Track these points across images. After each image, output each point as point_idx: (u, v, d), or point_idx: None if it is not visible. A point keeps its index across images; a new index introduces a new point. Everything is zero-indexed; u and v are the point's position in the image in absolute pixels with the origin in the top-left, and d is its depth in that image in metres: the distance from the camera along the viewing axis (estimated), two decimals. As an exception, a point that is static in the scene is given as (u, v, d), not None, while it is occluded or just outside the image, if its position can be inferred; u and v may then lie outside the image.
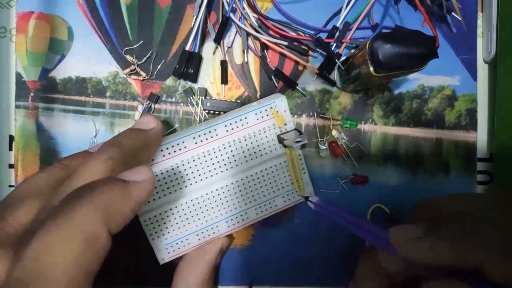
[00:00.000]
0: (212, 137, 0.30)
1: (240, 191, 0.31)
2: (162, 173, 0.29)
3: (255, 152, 0.31)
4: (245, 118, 0.30)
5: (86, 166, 0.22)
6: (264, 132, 0.31)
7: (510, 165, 0.35)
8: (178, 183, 0.30)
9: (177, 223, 0.30)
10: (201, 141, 0.29)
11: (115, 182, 0.21)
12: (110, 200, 0.19)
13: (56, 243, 0.17)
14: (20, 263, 0.17)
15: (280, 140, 0.31)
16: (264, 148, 0.31)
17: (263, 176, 0.31)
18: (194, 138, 0.29)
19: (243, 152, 0.30)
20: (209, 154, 0.30)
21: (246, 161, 0.31)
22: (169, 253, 0.30)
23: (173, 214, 0.30)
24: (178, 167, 0.29)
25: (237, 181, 0.31)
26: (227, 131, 0.30)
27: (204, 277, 0.31)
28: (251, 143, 0.31)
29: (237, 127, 0.30)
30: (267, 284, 0.37)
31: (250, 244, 0.36)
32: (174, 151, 0.29)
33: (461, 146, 0.38)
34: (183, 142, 0.29)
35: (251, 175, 0.31)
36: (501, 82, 0.36)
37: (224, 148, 0.30)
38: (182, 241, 0.31)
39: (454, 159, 0.38)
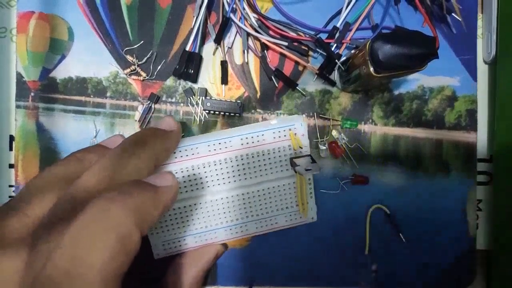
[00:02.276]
0: (226, 147, 0.30)
1: (244, 204, 0.31)
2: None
3: (265, 169, 0.31)
4: (262, 135, 0.30)
5: (105, 161, 0.22)
6: (279, 151, 0.31)
7: (510, 166, 0.35)
8: (185, 186, 0.30)
9: (177, 223, 0.31)
10: (215, 149, 0.30)
11: (146, 185, 0.21)
12: (142, 202, 0.19)
13: (91, 241, 0.17)
14: (52, 261, 0.16)
15: (292, 164, 0.31)
16: (275, 167, 0.31)
17: (269, 193, 0.31)
18: (208, 145, 0.30)
19: (254, 167, 0.31)
20: (220, 163, 0.30)
21: (256, 176, 0.31)
22: (164, 249, 0.31)
23: (175, 214, 0.30)
24: (187, 171, 0.29)
25: (242, 194, 0.31)
26: (241, 144, 0.30)
27: (196, 278, 0.31)
28: (263, 160, 0.31)
29: (253, 142, 0.30)
30: (267, 284, 0.37)
31: (249, 245, 0.36)
32: (187, 155, 0.29)
33: (461, 147, 0.38)
34: (197, 147, 0.29)
35: (258, 191, 0.31)
36: (501, 83, 0.36)
37: (236, 160, 0.30)
38: (179, 241, 0.31)
39: (454, 160, 0.38)
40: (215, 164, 0.30)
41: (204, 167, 0.30)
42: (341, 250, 0.37)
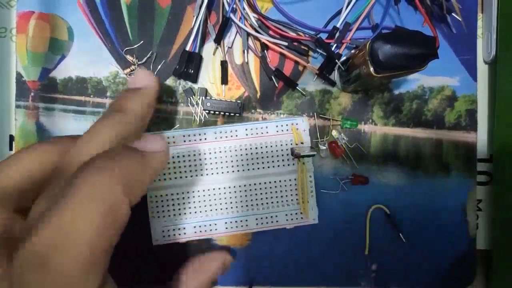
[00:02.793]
0: (231, 136, 0.32)
1: (245, 196, 0.32)
2: (178, 156, 0.31)
3: (268, 162, 0.32)
4: (266, 127, 0.33)
5: (94, 132, 0.21)
6: (281, 145, 0.32)
7: (510, 166, 0.35)
8: (191, 171, 0.32)
9: (179, 209, 0.32)
10: (221, 137, 0.32)
11: (133, 151, 0.20)
12: (130, 170, 0.19)
13: (78, 212, 0.16)
14: (36, 235, 0.16)
15: (292, 151, 0.32)
16: (277, 161, 0.32)
17: (271, 187, 0.32)
18: (215, 132, 0.32)
19: (257, 158, 0.32)
20: (225, 151, 0.32)
21: (258, 168, 0.32)
22: (163, 236, 0.32)
23: (178, 199, 0.32)
24: (194, 155, 0.31)
25: (245, 185, 0.32)
26: (246, 134, 0.32)
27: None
28: (266, 152, 0.32)
29: (257, 133, 0.33)
30: (267, 284, 0.37)
31: (249, 244, 0.36)
32: (195, 140, 0.31)
33: (461, 147, 0.38)
34: (205, 133, 0.31)
35: (260, 183, 0.32)
36: (501, 83, 0.36)
37: (240, 149, 0.32)
38: (179, 229, 0.32)
39: (454, 160, 0.38)
40: (220, 152, 0.32)
41: (210, 153, 0.31)
42: (341, 250, 0.37)
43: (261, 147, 0.32)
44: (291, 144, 0.32)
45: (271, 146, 0.32)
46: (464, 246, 0.37)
